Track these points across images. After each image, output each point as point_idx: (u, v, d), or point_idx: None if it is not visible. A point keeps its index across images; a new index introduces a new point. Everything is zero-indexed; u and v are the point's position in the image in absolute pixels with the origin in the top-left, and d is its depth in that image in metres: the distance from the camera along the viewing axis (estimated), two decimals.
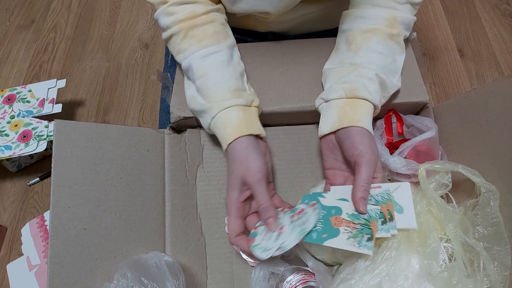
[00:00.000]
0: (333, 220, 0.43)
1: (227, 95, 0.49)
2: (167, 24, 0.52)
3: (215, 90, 0.50)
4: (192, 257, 0.53)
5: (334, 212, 0.44)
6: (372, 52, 0.50)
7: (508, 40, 1.17)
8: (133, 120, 1.10)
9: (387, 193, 0.44)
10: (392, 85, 0.51)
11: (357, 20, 0.52)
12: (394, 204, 0.43)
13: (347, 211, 0.43)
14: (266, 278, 0.49)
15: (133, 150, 0.52)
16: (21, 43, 1.26)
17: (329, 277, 0.45)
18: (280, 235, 0.43)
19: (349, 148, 0.45)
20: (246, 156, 0.46)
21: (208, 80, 0.50)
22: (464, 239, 0.42)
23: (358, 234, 0.41)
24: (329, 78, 0.53)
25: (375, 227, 0.41)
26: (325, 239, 0.41)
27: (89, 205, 0.46)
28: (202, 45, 0.51)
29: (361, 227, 0.41)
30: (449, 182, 0.47)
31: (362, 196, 0.43)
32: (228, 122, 0.48)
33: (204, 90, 0.50)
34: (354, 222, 0.42)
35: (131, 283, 0.42)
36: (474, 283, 0.40)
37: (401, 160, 0.48)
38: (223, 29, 0.54)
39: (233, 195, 0.45)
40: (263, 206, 0.44)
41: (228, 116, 0.48)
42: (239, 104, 0.49)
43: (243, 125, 0.48)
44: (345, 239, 0.41)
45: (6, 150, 0.88)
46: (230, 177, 0.46)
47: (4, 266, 0.87)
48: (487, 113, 0.47)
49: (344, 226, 0.42)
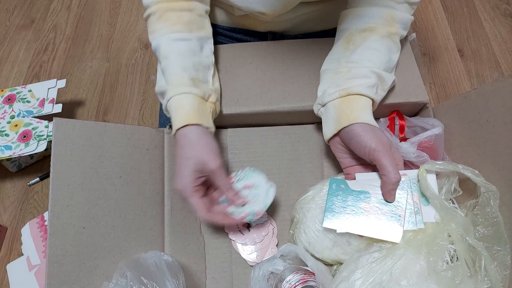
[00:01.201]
0: (363, 205, 0.44)
1: (184, 81, 0.49)
2: (147, 3, 0.52)
3: (174, 73, 0.50)
4: (191, 257, 0.53)
5: (363, 197, 0.44)
6: (369, 50, 0.50)
7: (508, 40, 1.17)
8: (133, 120, 1.10)
9: (413, 181, 0.45)
10: (389, 78, 0.52)
11: (355, 19, 0.52)
12: (420, 196, 0.43)
13: (375, 197, 0.44)
14: (265, 278, 0.49)
15: (133, 149, 0.52)
16: (21, 43, 1.26)
17: (329, 276, 0.45)
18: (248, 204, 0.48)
19: (358, 148, 0.45)
20: (206, 144, 0.47)
21: (171, 63, 0.50)
22: (466, 239, 0.42)
23: (387, 222, 0.42)
24: (324, 81, 0.53)
25: (403, 214, 0.42)
26: (358, 228, 0.43)
27: (88, 204, 0.46)
28: (173, 30, 0.51)
29: (391, 214, 0.42)
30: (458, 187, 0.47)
31: (392, 188, 0.43)
32: (180, 107, 0.48)
33: (165, 72, 0.51)
34: (384, 209, 0.43)
35: (130, 282, 0.42)
36: (476, 283, 0.40)
37: (413, 148, 0.48)
38: (200, 20, 0.53)
39: (189, 181, 0.46)
40: (228, 187, 0.48)
41: (181, 101, 0.48)
42: (195, 94, 0.49)
43: (195, 114, 0.48)
44: (375, 226, 0.42)
45: (6, 150, 0.88)
46: (185, 163, 0.46)
47: (4, 266, 0.87)
48: (488, 113, 0.47)
49: (374, 213, 0.43)
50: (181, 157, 0.47)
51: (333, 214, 0.44)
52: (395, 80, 0.54)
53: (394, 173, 0.43)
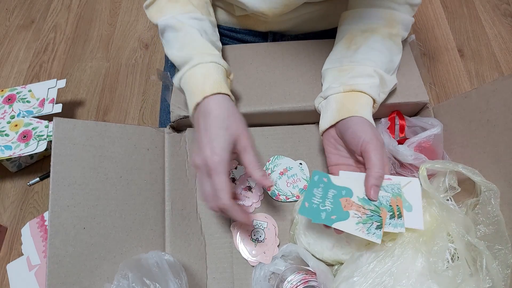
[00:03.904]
0: (343, 201, 0.42)
1: (211, 50, 0.47)
2: None
3: (199, 40, 0.47)
4: (192, 257, 0.53)
5: (344, 193, 0.43)
6: (371, 50, 0.50)
7: (508, 40, 1.17)
8: (133, 120, 1.10)
9: (397, 187, 0.43)
10: (390, 80, 0.52)
11: (356, 19, 0.52)
12: (403, 201, 0.43)
13: (357, 195, 0.42)
14: (266, 278, 0.49)
15: (133, 149, 0.52)
16: (21, 43, 1.26)
17: (330, 276, 0.45)
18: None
19: (352, 138, 0.45)
20: (240, 116, 0.43)
21: (190, 33, 0.48)
22: (467, 238, 0.42)
23: (367, 220, 0.40)
24: (327, 78, 0.53)
25: (385, 215, 0.40)
26: (334, 221, 0.40)
27: (89, 204, 0.46)
28: (186, 10, 0.50)
29: (371, 213, 0.40)
30: (457, 185, 0.47)
31: (375, 184, 0.42)
32: (209, 75, 0.45)
33: (185, 40, 0.47)
34: (365, 207, 0.41)
35: (132, 283, 0.42)
36: (477, 282, 0.40)
37: (410, 151, 0.48)
38: (206, 6, 0.54)
39: (227, 153, 0.41)
40: (258, 165, 0.42)
41: (211, 69, 0.45)
42: (224, 67, 0.47)
43: (225, 85, 0.45)
44: (354, 223, 0.40)
45: (6, 150, 0.88)
46: (221, 133, 0.41)
47: (4, 266, 0.87)
48: (488, 112, 0.47)
49: (354, 210, 0.41)
50: (212, 127, 0.42)
51: (311, 204, 0.42)
52: (397, 84, 0.54)
53: (379, 168, 0.42)
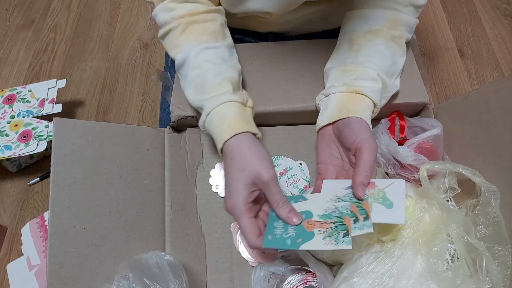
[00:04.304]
0: (305, 224, 0.41)
1: (222, 89, 0.47)
2: (165, 20, 0.51)
3: (210, 82, 0.47)
4: (192, 257, 0.53)
5: (304, 216, 0.42)
6: (374, 52, 0.50)
7: (508, 40, 1.17)
8: (133, 120, 1.10)
9: (349, 195, 0.43)
10: (392, 86, 0.52)
11: (360, 20, 0.52)
12: (383, 200, 0.42)
13: (317, 213, 0.42)
14: (266, 279, 0.49)
15: (133, 149, 0.52)
16: (21, 43, 1.26)
17: (330, 277, 0.45)
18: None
19: (349, 135, 0.45)
20: (257, 152, 0.43)
21: (204, 72, 0.48)
22: (467, 239, 0.42)
23: (333, 232, 0.39)
24: (331, 77, 0.53)
25: (348, 222, 0.40)
26: (300, 244, 0.39)
27: (89, 204, 0.45)
28: (200, 40, 0.50)
29: (335, 225, 0.40)
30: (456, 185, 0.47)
31: (363, 182, 0.42)
32: (224, 118, 0.45)
33: (198, 82, 0.48)
34: (327, 221, 0.41)
35: (133, 284, 0.42)
36: (477, 283, 0.40)
37: (410, 152, 0.48)
38: (222, 29, 0.53)
39: (242, 196, 0.41)
40: (282, 202, 0.41)
41: (224, 112, 0.46)
42: (235, 100, 0.47)
43: (241, 121, 0.45)
44: (321, 239, 0.39)
45: (6, 150, 0.88)
46: (237, 176, 0.42)
47: (4, 266, 0.86)
48: (488, 113, 0.47)
49: (318, 228, 0.40)
50: (232, 170, 0.42)
51: (274, 235, 0.40)
52: (399, 90, 0.54)
53: (369, 167, 0.42)
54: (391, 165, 0.50)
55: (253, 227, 0.40)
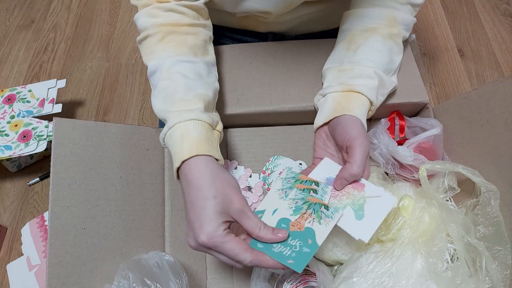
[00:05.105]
0: (294, 227, 0.40)
1: (192, 104, 0.43)
2: (145, 25, 0.48)
3: (181, 94, 0.43)
4: (192, 257, 0.53)
5: (284, 224, 0.40)
6: (370, 50, 0.50)
7: (508, 40, 1.17)
8: (133, 120, 1.10)
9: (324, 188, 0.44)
10: (389, 82, 0.52)
11: (357, 19, 0.52)
12: (358, 208, 0.41)
13: (289, 213, 0.41)
14: (266, 278, 0.49)
15: (133, 149, 0.52)
16: (21, 43, 1.26)
17: (330, 276, 0.45)
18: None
19: (340, 133, 0.45)
20: (228, 180, 0.39)
21: (176, 84, 0.44)
22: (466, 239, 0.42)
23: (318, 214, 0.40)
24: (328, 77, 0.53)
25: (313, 198, 0.42)
26: (314, 241, 0.38)
27: (89, 204, 0.46)
28: (177, 52, 0.46)
29: (312, 209, 0.41)
30: (456, 185, 0.47)
31: (346, 178, 0.42)
32: (189, 135, 0.41)
33: (166, 94, 0.44)
34: (304, 212, 0.40)
35: (133, 284, 0.42)
36: (476, 283, 0.40)
37: (410, 151, 0.48)
38: (204, 45, 0.49)
39: (217, 223, 0.36)
40: (262, 225, 0.38)
41: (189, 129, 0.41)
42: (204, 121, 0.42)
43: (205, 144, 0.40)
44: (320, 226, 0.39)
45: (6, 150, 0.88)
46: (207, 204, 0.37)
47: (4, 266, 0.87)
48: (488, 113, 0.47)
49: (304, 221, 0.40)
50: (199, 199, 0.37)
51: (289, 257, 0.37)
52: (396, 86, 0.54)
53: (358, 167, 0.41)
54: (390, 165, 0.50)
55: (242, 245, 0.36)
